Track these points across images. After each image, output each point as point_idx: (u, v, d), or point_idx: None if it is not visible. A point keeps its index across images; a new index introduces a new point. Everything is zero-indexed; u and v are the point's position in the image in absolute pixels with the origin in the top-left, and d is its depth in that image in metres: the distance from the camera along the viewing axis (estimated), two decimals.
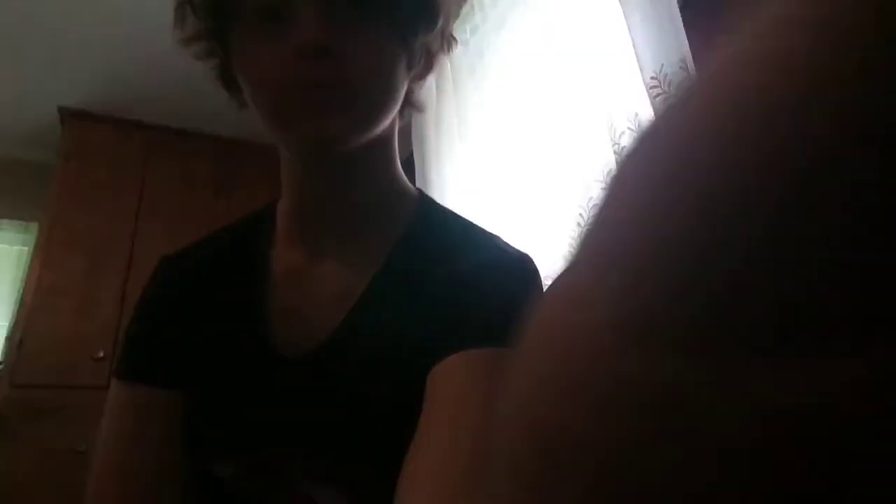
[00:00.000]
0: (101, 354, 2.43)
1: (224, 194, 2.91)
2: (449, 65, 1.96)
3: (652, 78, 1.04)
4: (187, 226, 2.47)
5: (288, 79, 0.49)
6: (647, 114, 1.08)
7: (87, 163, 2.80)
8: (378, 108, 0.53)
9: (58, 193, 2.71)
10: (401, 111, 0.59)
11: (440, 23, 0.58)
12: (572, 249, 0.14)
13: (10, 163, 3.27)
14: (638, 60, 1.07)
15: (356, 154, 0.54)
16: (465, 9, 1.91)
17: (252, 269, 0.60)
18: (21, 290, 2.64)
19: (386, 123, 0.55)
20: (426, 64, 0.60)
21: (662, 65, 1.03)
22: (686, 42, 1.02)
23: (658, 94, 1.03)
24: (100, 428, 0.56)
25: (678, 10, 1.05)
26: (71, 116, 2.86)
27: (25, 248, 3.08)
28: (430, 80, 0.65)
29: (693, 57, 1.00)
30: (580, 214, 1.30)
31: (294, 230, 0.61)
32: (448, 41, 0.62)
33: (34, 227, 2.89)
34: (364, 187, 0.58)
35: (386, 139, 0.58)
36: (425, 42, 0.58)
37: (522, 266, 0.55)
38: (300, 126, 0.50)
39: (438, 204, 0.64)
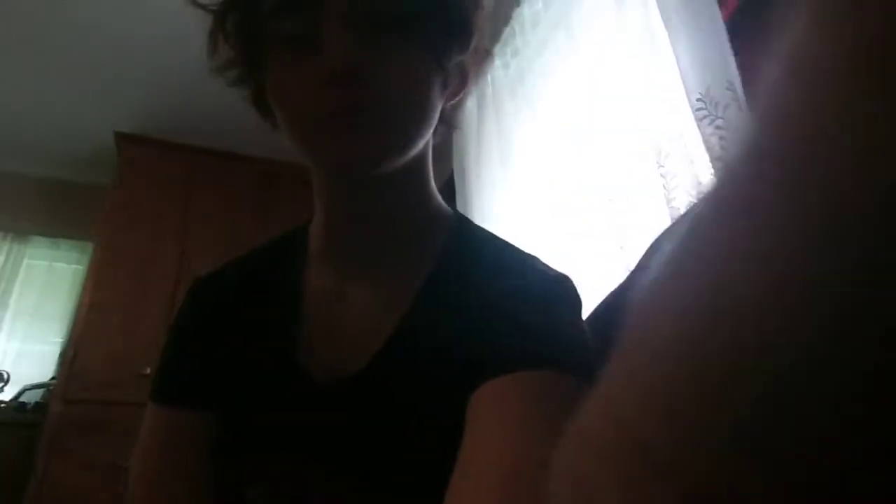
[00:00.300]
0: (147, 371, 2.49)
1: (265, 215, 2.97)
2: (490, 88, 1.97)
3: (698, 100, 1.01)
4: (230, 246, 2.51)
5: (319, 106, 0.48)
6: (693, 136, 1.06)
7: (138, 185, 2.90)
8: (412, 129, 0.52)
9: (109, 215, 2.81)
10: (435, 130, 0.57)
11: (474, 40, 0.57)
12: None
13: (70, 185, 3.44)
14: (683, 82, 1.05)
15: (389, 175, 0.52)
16: (506, 32, 1.92)
17: (284, 291, 0.60)
18: (74, 308, 2.73)
19: (421, 144, 0.54)
20: (461, 82, 0.59)
21: (709, 86, 1.00)
22: (733, 62, 0.99)
23: (704, 116, 1.00)
24: (135, 448, 0.56)
25: (724, 29, 1.03)
26: (125, 141, 2.98)
27: (81, 268, 3.21)
28: (471, 102, 0.64)
29: (741, 78, 0.97)
30: (620, 237, 1.27)
31: (326, 252, 0.60)
32: (483, 58, 0.61)
33: (90, 246, 3.00)
34: (397, 209, 0.57)
35: (420, 160, 0.57)
36: (460, 60, 0.57)
37: (562, 287, 0.53)
38: (333, 150, 0.49)
39: (475, 225, 0.63)
